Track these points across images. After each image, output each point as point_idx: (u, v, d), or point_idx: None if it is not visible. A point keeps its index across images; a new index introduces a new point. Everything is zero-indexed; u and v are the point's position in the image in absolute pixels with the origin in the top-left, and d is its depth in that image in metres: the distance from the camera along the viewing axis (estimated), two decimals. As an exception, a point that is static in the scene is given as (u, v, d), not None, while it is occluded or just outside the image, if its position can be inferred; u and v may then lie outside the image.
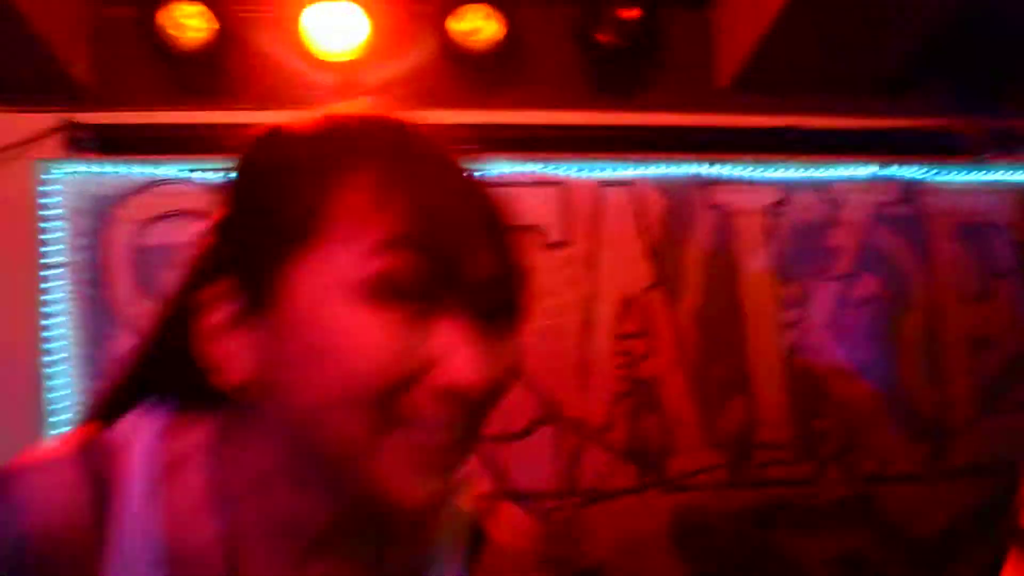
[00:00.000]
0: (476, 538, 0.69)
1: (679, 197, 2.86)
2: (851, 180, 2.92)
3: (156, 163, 2.68)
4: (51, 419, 2.60)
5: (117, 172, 2.69)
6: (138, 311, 2.70)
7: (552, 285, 2.79)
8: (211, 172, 2.66)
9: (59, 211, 2.66)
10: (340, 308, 0.55)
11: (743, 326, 2.81)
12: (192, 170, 2.68)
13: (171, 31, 2.41)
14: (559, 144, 2.83)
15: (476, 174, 0.62)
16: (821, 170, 2.91)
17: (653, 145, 2.87)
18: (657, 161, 2.86)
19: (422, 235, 0.55)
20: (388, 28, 2.59)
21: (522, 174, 2.82)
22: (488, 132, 2.85)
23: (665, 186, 2.86)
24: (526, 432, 2.72)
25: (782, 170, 2.90)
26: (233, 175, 0.64)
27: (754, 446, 2.72)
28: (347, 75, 2.56)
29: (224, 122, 2.60)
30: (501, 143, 2.83)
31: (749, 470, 2.70)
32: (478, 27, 2.64)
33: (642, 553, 2.57)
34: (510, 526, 0.73)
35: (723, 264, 2.84)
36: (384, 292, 0.55)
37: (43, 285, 2.63)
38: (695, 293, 2.82)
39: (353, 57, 2.55)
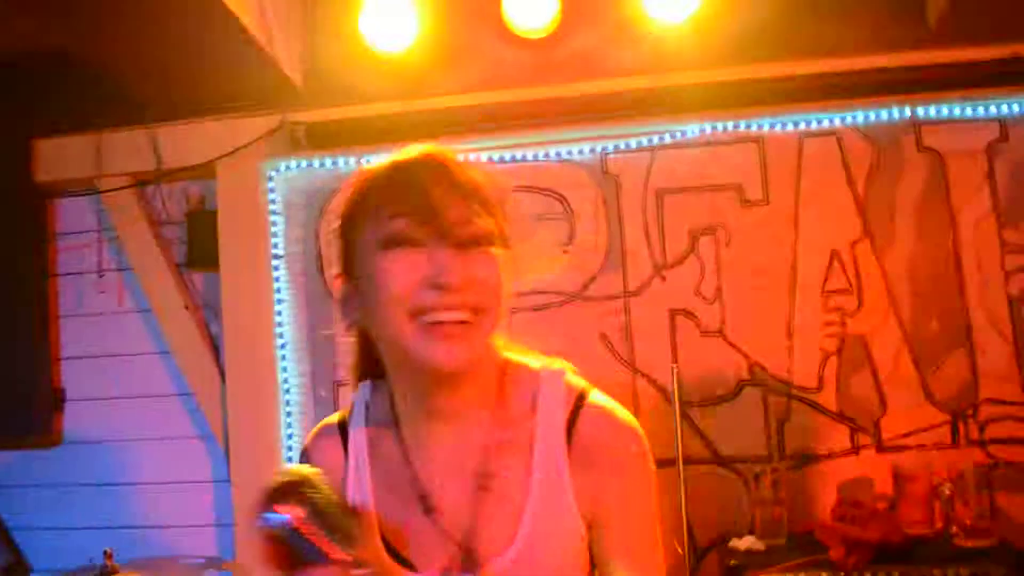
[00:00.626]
0: (576, 408, 1.02)
1: (887, 143, 2.72)
2: (1081, 108, 2.66)
3: (365, 154, 2.79)
4: (283, 395, 2.85)
5: (330, 165, 2.85)
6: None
7: (754, 243, 2.75)
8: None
9: (281, 205, 2.84)
10: (376, 257, 0.96)
11: (962, 276, 2.67)
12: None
13: (376, 28, 2.48)
14: (758, 98, 2.74)
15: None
16: (1045, 101, 2.65)
17: (856, 90, 2.73)
18: (861, 107, 2.72)
19: (410, 209, 0.94)
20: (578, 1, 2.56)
21: (721, 132, 2.76)
22: (682, 93, 2.81)
23: (871, 132, 2.72)
24: (734, 395, 2.73)
25: (1001, 105, 2.69)
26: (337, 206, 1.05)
27: (978, 403, 2.63)
28: (542, 52, 2.56)
29: (428, 109, 2.69)
30: (696, 102, 2.78)
31: (973, 428, 2.62)
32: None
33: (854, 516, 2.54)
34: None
35: (937, 211, 2.70)
36: (395, 243, 0.95)
37: (272, 275, 2.84)
38: (907, 243, 2.70)
39: (548, 32, 2.55)
